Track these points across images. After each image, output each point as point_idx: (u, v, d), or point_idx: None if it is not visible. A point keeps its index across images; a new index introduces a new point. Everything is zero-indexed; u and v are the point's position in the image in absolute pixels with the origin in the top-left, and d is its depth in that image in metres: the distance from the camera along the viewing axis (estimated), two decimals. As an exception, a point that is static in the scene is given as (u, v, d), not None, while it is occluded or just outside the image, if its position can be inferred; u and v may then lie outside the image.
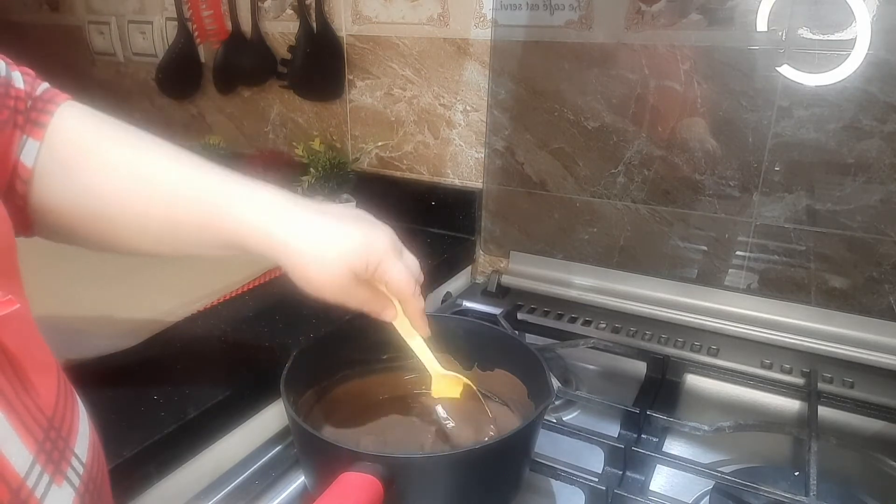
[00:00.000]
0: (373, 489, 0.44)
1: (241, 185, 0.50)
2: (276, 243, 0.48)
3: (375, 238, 0.51)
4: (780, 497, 0.56)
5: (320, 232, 0.49)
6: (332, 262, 0.49)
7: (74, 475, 0.33)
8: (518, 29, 0.94)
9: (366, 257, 0.50)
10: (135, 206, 0.48)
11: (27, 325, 0.33)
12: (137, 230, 0.49)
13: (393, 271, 0.51)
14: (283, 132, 1.26)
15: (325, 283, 0.50)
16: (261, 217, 0.48)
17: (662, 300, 0.93)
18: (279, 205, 0.50)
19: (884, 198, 0.78)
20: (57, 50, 1.52)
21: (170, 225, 0.49)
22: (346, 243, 0.49)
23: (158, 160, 0.49)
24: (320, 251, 0.49)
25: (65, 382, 0.37)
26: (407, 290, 0.53)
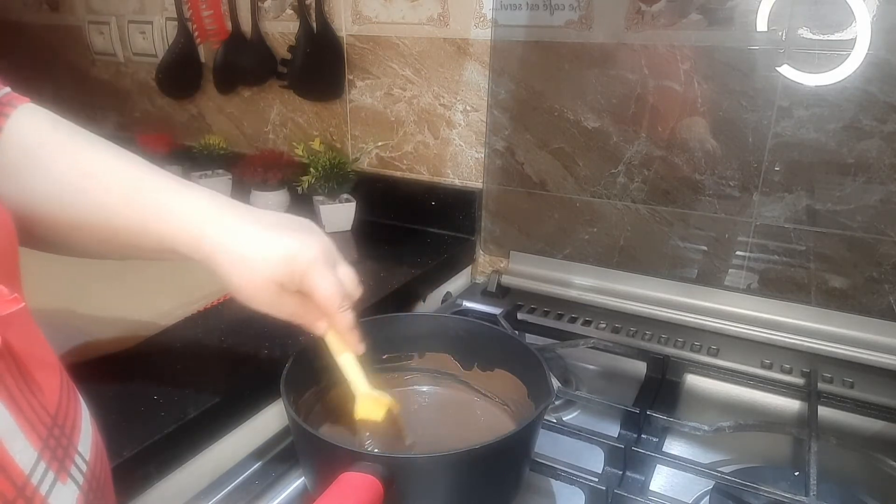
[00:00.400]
0: (373, 489, 0.44)
1: (176, 189, 0.49)
2: (205, 248, 0.48)
3: (304, 247, 0.50)
4: (780, 497, 0.56)
5: (249, 239, 0.49)
6: (256, 269, 0.48)
7: (78, 473, 0.33)
8: (518, 29, 0.94)
9: (290, 266, 0.49)
10: (73, 207, 0.47)
11: (30, 324, 0.33)
12: (79, 233, 0.49)
13: (319, 283, 0.50)
14: (283, 132, 1.26)
15: (251, 291, 0.49)
16: (191, 221, 0.48)
17: (662, 300, 0.93)
18: (211, 209, 0.49)
19: (884, 198, 0.78)
20: (57, 50, 1.52)
21: (107, 227, 0.48)
22: (272, 251, 0.49)
23: (99, 162, 0.49)
24: (246, 258, 0.48)
25: (67, 381, 0.37)
26: (332, 303, 0.51)
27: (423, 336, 0.69)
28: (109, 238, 0.49)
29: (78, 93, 1.52)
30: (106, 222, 0.48)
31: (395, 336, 0.69)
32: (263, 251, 0.49)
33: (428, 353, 0.69)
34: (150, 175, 0.49)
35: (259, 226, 0.50)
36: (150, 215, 0.48)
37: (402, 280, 0.89)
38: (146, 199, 0.48)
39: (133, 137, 1.34)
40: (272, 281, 0.49)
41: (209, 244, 0.48)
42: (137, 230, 0.48)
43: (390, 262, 0.97)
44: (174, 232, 0.48)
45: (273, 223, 0.51)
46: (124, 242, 0.49)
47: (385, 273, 0.92)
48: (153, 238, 0.48)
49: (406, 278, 0.90)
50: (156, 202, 0.48)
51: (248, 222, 0.49)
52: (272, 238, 0.49)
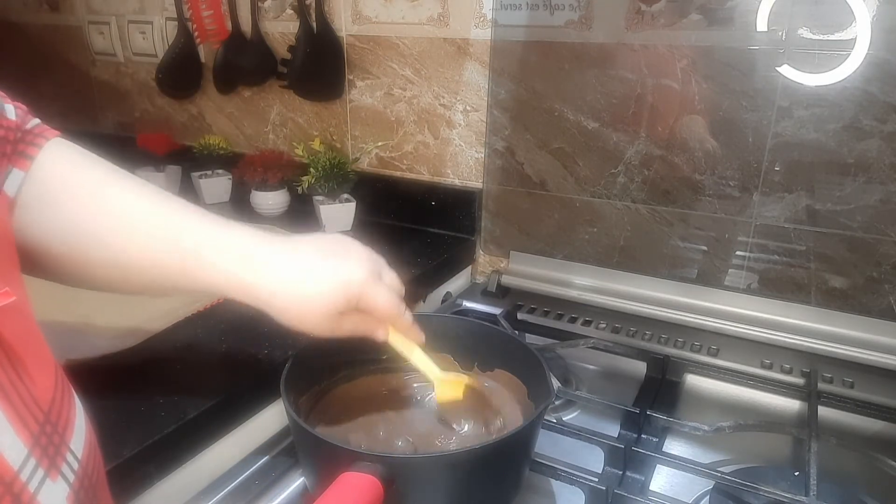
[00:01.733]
0: (373, 489, 0.44)
1: (215, 228, 0.50)
2: (254, 293, 0.49)
3: (352, 272, 0.51)
4: (780, 497, 0.56)
5: (297, 276, 0.50)
6: (312, 304, 0.50)
7: (69, 470, 0.33)
8: (518, 29, 0.94)
9: (346, 294, 0.50)
10: (112, 247, 0.48)
11: (25, 319, 0.33)
12: (115, 270, 0.49)
13: (376, 299, 0.52)
14: (283, 132, 1.26)
15: (311, 323, 0.51)
16: (236, 266, 0.49)
17: (662, 300, 0.93)
18: (253, 251, 0.50)
19: (884, 198, 0.78)
20: (57, 50, 1.52)
21: (146, 268, 0.49)
22: (324, 284, 0.50)
23: (140, 202, 0.49)
24: (299, 296, 0.49)
25: (62, 379, 0.37)
26: (392, 312, 0.54)
27: (422, 336, 0.69)
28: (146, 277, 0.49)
29: (78, 93, 1.52)
30: (144, 263, 0.48)
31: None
32: (317, 287, 0.50)
33: (428, 353, 0.69)
34: (192, 219, 0.50)
35: (302, 258, 0.51)
36: (192, 260, 0.48)
37: (402, 280, 0.89)
38: (192, 243, 0.48)
39: (133, 137, 1.34)
40: (331, 311, 0.50)
41: (257, 289, 0.49)
42: (178, 271, 0.49)
43: (390, 262, 0.96)
44: (219, 278, 0.49)
45: (315, 251, 0.52)
46: (161, 282, 0.50)
47: (385, 273, 0.91)
48: (196, 281, 0.49)
49: (406, 278, 0.89)
50: (198, 247, 0.48)
51: (290, 258, 0.50)
52: (320, 269, 0.50)
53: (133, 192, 0.49)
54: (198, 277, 0.49)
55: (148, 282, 0.50)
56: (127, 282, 0.50)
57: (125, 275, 0.49)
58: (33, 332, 0.34)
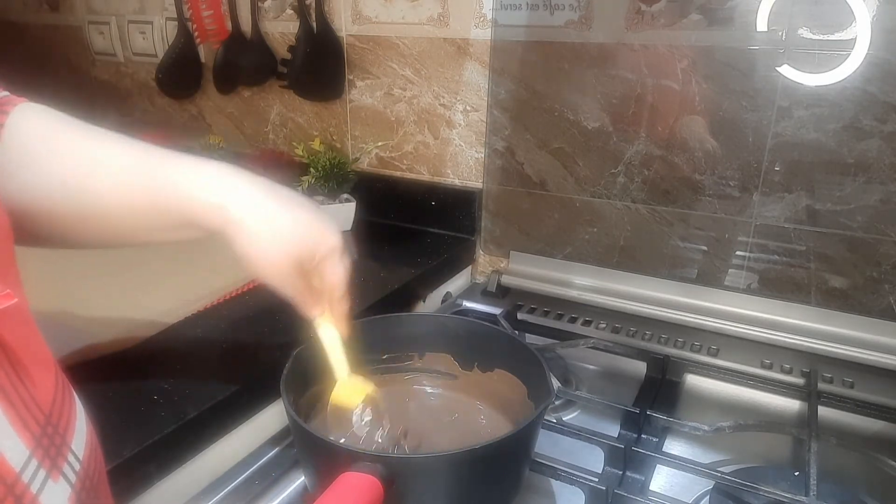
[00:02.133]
0: (373, 489, 0.44)
1: (193, 163, 0.49)
2: (228, 219, 0.48)
3: (328, 231, 0.51)
4: (780, 497, 0.56)
5: (275, 213, 0.49)
6: (279, 243, 0.49)
7: (71, 471, 0.33)
8: (518, 29, 0.94)
9: (313, 247, 0.50)
10: (88, 193, 0.47)
11: (25, 321, 0.33)
12: (94, 220, 0.48)
13: (334, 267, 0.52)
14: (283, 132, 1.26)
15: (269, 264, 0.50)
16: (212, 191, 0.48)
17: (662, 300, 0.93)
18: (231, 180, 0.49)
19: (884, 198, 0.78)
20: (57, 50, 1.52)
21: (125, 209, 0.48)
22: (297, 229, 0.50)
23: (110, 147, 0.49)
24: (270, 230, 0.49)
25: (63, 380, 0.37)
26: (339, 289, 0.53)
27: (423, 336, 0.69)
28: (123, 222, 0.49)
29: (78, 93, 1.52)
30: (120, 205, 0.48)
31: (395, 336, 0.69)
32: (290, 228, 0.49)
33: (428, 353, 0.69)
34: (163, 154, 0.49)
35: (281, 201, 0.50)
36: (167, 191, 0.47)
37: (402, 280, 0.89)
38: (162, 175, 0.48)
39: (133, 137, 1.34)
40: (294, 256, 0.50)
41: (232, 215, 0.48)
42: (156, 208, 0.48)
43: (390, 262, 0.97)
44: (193, 204, 0.47)
45: (291, 200, 0.51)
46: (139, 225, 0.49)
47: (385, 273, 0.92)
48: (173, 215, 0.48)
49: (406, 278, 0.90)
50: (174, 177, 0.48)
51: (269, 196, 0.50)
52: (298, 215, 0.50)
53: (106, 141, 0.49)
54: (173, 208, 0.48)
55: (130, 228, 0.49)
56: (105, 229, 0.49)
57: (103, 222, 0.49)
58: (33, 333, 0.34)
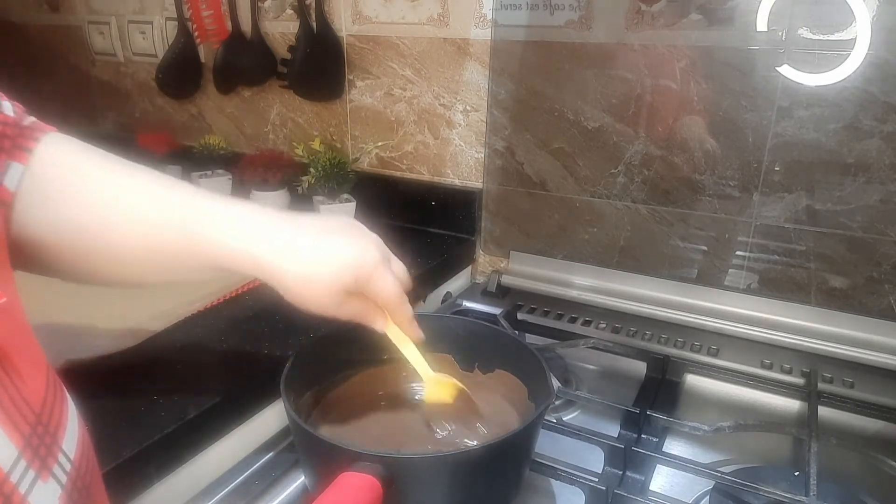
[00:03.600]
0: (372, 489, 0.44)
1: (221, 207, 0.49)
2: (263, 265, 0.48)
3: (365, 252, 0.51)
4: (780, 497, 0.56)
5: (308, 250, 0.49)
6: (322, 280, 0.49)
7: (61, 472, 0.33)
8: (518, 29, 0.94)
9: (356, 273, 0.50)
10: (112, 233, 0.47)
11: (16, 319, 0.33)
12: (118, 260, 0.48)
13: (382, 284, 0.51)
14: (283, 132, 1.26)
15: (316, 300, 0.50)
16: (244, 239, 0.48)
17: (662, 300, 0.93)
18: (262, 224, 0.49)
19: (884, 198, 0.78)
20: (57, 50, 1.52)
21: (151, 253, 0.48)
22: (335, 261, 0.49)
23: (139, 188, 0.48)
24: (309, 270, 0.49)
25: (54, 380, 0.36)
26: (395, 301, 0.53)
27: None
28: (145, 264, 0.49)
29: (78, 93, 1.52)
30: (149, 249, 0.47)
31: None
32: (327, 261, 0.49)
33: (428, 354, 0.69)
34: (195, 194, 0.49)
35: (313, 234, 0.50)
36: (198, 239, 0.47)
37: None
38: (193, 222, 0.48)
39: (133, 137, 1.34)
40: (339, 289, 0.49)
41: (266, 261, 0.48)
42: (185, 251, 0.48)
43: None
44: (225, 252, 0.48)
45: (325, 229, 0.51)
46: (168, 267, 0.49)
47: (385, 273, 0.91)
48: (204, 260, 0.48)
49: (406, 278, 0.90)
50: (203, 225, 0.48)
51: (301, 232, 0.50)
52: (332, 246, 0.49)
53: (132, 178, 0.48)
54: (205, 255, 0.48)
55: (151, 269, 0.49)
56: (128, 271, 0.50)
57: (128, 264, 0.49)
58: (25, 332, 0.34)
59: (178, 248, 0.48)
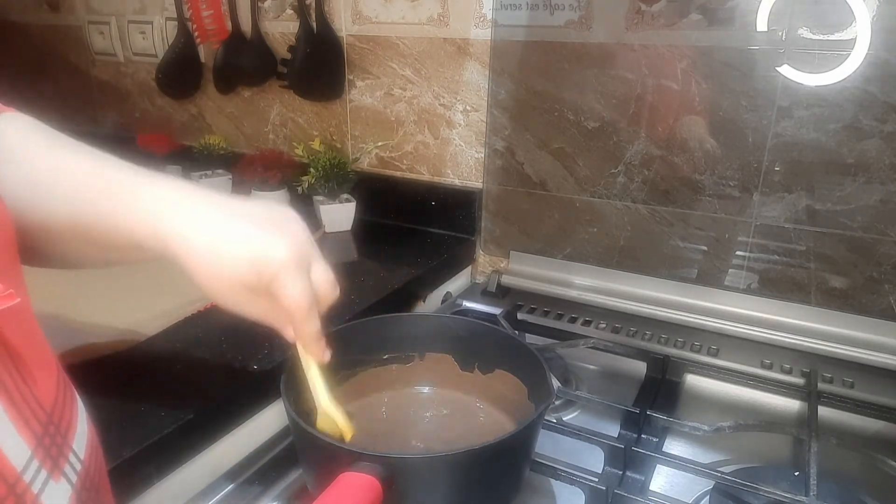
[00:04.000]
0: (372, 489, 0.44)
1: (142, 178, 0.45)
2: (168, 238, 0.44)
3: (275, 248, 0.45)
4: (780, 497, 0.56)
5: (218, 231, 0.44)
6: (223, 267, 0.44)
7: (72, 471, 0.33)
8: (518, 29, 0.94)
9: (258, 268, 0.44)
10: (45, 207, 0.44)
11: (28, 320, 0.33)
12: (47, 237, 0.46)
13: (286, 288, 0.45)
14: (283, 132, 1.26)
15: (217, 289, 0.45)
16: (155, 208, 0.44)
17: (662, 300, 0.93)
18: (177, 196, 0.45)
19: (884, 198, 0.78)
20: (57, 50, 1.52)
21: (79, 225, 0.45)
22: (240, 250, 0.44)
23: (73, 161, 0.46)
24: (213, 253, 0.44)
25: (65, 380, 0.37)
26: (299, 311, 0.47)
27: (423, 336, 0.69)
28: (83, 238, 0.46)
29: (78, 93, 1.52)
30: (77, 220, 0.45)
31: (395, 336, 0.69)
32: (230, 250, 0.44)
33: (428, 354, 0.69)
34: (122, 171, 0.46)
35: (229, 217, 0.45)
36: (117, 209, 0.44)
37: (402, 280, 0.89)
38: (114, 192, 0.44)
39: (133, 137, 1.34)
40: (237, 283, 0.45)
41: (171, 233, 0.44)
42: (108, 227, 0.45)
43: (390, 262, 0.97)
44: (135, 221, 0.44)
45: (243, 215, 0.46)
46: (99, 243, 0.46)
47: (385, 273, 0.92)
48: (123, 234, 0.45)
49: (406, 278, 0.90)
50: (122, 194, 0.44)
51: (213, 213, 0.45)
52: (239, 235, 0.45)
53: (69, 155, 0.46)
54: (117, 226, 0.44)
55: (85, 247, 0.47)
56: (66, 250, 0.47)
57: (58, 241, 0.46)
58: (35, 333, 0.34)
59: (104, 222, 0.44)
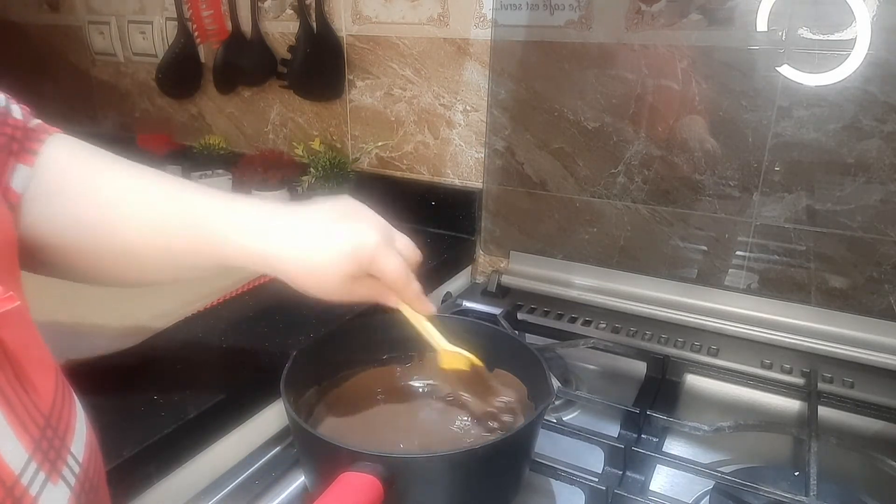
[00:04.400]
0: (373, 489, 0.44)
1: (225, 205, 0.50)
2: (266, 258, 0.49)
3: (364, 235, 0.51)
4: (780, 497, 0.56)
5: (307, 239, 0.50)
6: (324, 267, 0.49)
7: (70, 474, 0.33)
8: (518, 29, 0.94)
9: (357, 257, 0.50)
10: (120, 236, 0.48)
11: (26, 323, 0.33)
12: (129, 259, 0.49)
13: (385, 264, 0.51)
14: (283, 132, 1.26)
15: (323, 287, 0.50)
16: (249, 234, 0.49)
17: (662, 300, 0.93)
18: (262, 218, 0.50)
19: (884, 198, 0.78)
20: (57, 50, 1.52)
21: (162, 252, 0.49)
22: (334, 247, 0.50)
23: (149, 187, 0.49)
24: (310, 258, 0.49)
25: (63, 382, 0.37)
26: (400, 280, 0.53)
27: (423, 336, 0.69)
28: (151, 262, 0.50)
29: (78, 93, 1.52)
30: (157, 249, 0.49)
31: (395, 336, 0.69)
32: (326, 248, 0.49)
33: (428, 354, 0.69)
34: (203, 193, 0.50)
35: (312, 222, 0.50)
36: (204, 237, 0.49)
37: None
38: (198, 221, 0.49)
39: (133, 137, 1.34)
40: (343, 276, 0.50)
41: (268, 253, 0.49)
42: (195, 250, 0.49)
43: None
44: (230, 249, 0.49)
45: (324, 215, 0.51)
46: (178, 264, 0.50)
47: (385, 273, 0.91)
48: (212, 258, 0.49)
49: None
50: (208, 223, 0.49)
51: (300, 221, 0.50)
52: (330, 233, 0.50)
53: (136, 177, 0.50)
54: (212, 253, 0.49)
55: (163, 267, 0.51)
56: (137, 270, 0.51)
57: (134, 262, 0.50)
58: (33, 336, 0.34)
59: (189, 247, 0.49)
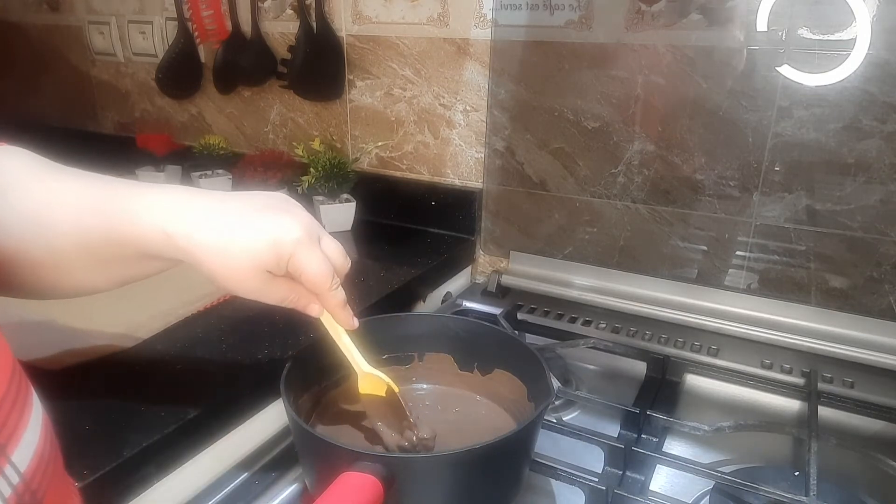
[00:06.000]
0: (373, 489, 0.44)
1: (146, 188, 0.47)
2: (177, 241, 0.45)
3: (285, 229, 0.47)
4: (780, 497, 0.56)
5: (223, 225, 0.46)
6: (238, 258, 0.46)
7: (6, 485, 0.30)
8: (518, 29, 0.94)
9: (276, 250, 0.46)
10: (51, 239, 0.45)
11: None
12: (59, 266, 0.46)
13: (306, 262, 0.48)
14: (283, 132, 1.26)
15: (236, 280, 0.47)
16: (159, 216, 0.45)
17: (662, 300, 0.93)
18: (180, 199, 0.46)
19: (884, 198, 0.78)
20: (57, 50, 1.52)
21: (85, 249, 0.46)
22: (251, 238, 0.46)
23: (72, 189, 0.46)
24: (224, 247, 0.45)
25: (19, 383, 0.33)
26: (322, 283, 0.49)
27: (423, 336, 0.69)
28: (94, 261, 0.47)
29: (78, 93, 1.52)
30: (86, 243, 0.45)
31: (395, 336, 0.69)
32: (243, 240, 0.46)
33: (428, 354, 0.69)
34: (120, 186, 0.47)
35: (231, 209, 0.47)
36: (122, 224, 0.45)
37: (402, 280, 0.89)
38: (114, 207, 0.46)
39: (133, 137, 1.34)
40: (258, 269, 0.47)
41: (179, 236, 0.45)
42: (117, 243, 0.46)
43: (390, 262, 0.97)
44: (142, 231, 0.45)
45: (246, 205, 0.48)
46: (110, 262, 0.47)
47: (385, 273, 0.92)
48: (131, 248, 0.46)
49: (406, 278, 0.90)
50: (122, 208, 0.45)
51: (218, 207, 0.47)
52: (249, 222, 0.47)
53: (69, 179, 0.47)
54: (125, 238, 0.45)
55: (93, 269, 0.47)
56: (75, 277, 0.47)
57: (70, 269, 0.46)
58: None
59: (110, 240, 0.45)
